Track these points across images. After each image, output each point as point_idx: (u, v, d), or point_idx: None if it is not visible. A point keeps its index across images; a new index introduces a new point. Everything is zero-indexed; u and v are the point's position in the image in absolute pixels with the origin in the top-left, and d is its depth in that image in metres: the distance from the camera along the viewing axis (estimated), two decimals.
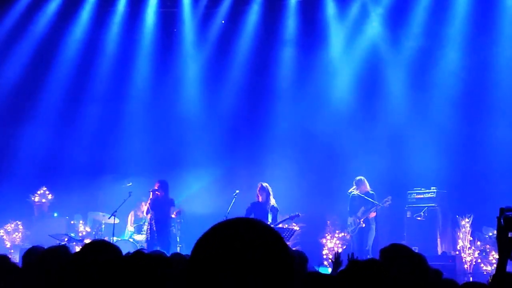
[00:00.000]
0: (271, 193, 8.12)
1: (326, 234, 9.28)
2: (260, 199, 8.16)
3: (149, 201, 8.38)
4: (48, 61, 10.86)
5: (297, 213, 8.16)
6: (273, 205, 8.10)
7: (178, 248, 8.67)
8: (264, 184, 8.17)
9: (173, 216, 8.35)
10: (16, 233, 9.90)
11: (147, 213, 8.41)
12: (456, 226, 8.57)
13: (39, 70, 10.81)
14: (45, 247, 3.02)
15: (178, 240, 8.76)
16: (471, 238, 8.37)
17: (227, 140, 10.61)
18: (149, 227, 8.33)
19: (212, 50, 11.03)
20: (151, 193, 8.33)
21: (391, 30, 10.17)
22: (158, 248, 7.01)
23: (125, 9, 11.07)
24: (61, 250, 2.88)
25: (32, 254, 3.20)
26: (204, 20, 11.03)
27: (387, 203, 8.48)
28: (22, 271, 3.03)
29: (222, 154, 10.50)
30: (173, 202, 8.37)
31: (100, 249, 2.22)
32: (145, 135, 10.91)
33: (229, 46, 10.92)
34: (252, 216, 8.12)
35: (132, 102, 11.05)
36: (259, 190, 8.14)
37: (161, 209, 8.23)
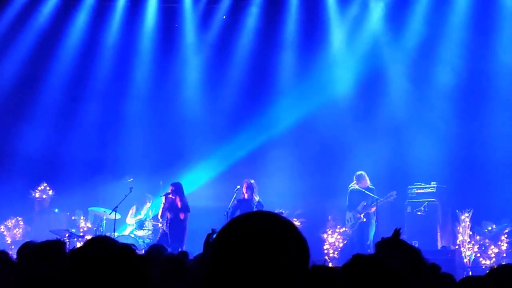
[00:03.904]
0: (255, 190, 8.15)
1: (327, 229, 9.31)
2: (246, 196, 8.19)
3: (162, 206, 8.31)
4: (48, 57, 10.83)
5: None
6: (258, 201, 8.13)
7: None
8: (250, 182, 8.21)
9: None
10: (17, 229, 9.93)
11: (162, 217, 8.33)
12: (456, 220, 8.60)
13: (39, 67, 10.79)
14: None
15: None
16: (471, 233, 8.40)
17: (228, 136, 10.61)
18: (162, 229, 8.28)
19: (213, 45, 11.01)
20: (164, 197, 8.23)
21: (392, 24, 10.15)
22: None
23: (125, 5, 11.04)
24: (56, 245, 2.90)
25: (27, 249, 3.22)
26: (205, 15, 11.01)
27: (392, 197, 8.50)
28: (17, 265, 3.05)
29: (223, 150, 10.51)
30: (188, 208, 8.19)
31: (102, 245, 2.23)
32: (146, 131, 10.91)
33: (230, 41, 10.90)
34: (238, 212, 8.14)
35: (133, 98, 11.04)
36: (245, 188, 8.18)
37: (176, 213, 8.13)
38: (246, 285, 1.02)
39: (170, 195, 8.18)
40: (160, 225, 8.57)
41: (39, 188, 10.33)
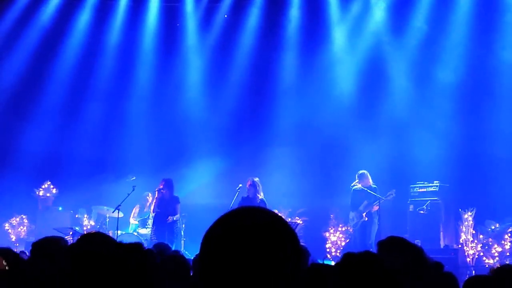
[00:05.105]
0: (259, 188, 8.21)
1: (330, 228, 9.31)
2: (250, 195, 8.25)
3: (155, 200, 8.55)
4: (51, 57, 10.87)
5: (297, 222, 8.33)
6: (261, 200, 8.18)
7: (182, 242, 8.76)
8: (254, 180, 8.26)
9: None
10: (21, 227, 9.98)
11: (154, 211, 8.59)
12: (459, 219, 8.58)
13: (42, 66, 10.82)
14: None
15: (182, 234, 8.83)
16: (474, 232, 8.39)
17: (230, 134, 10.63)
18: (153, 223, 8.49)
19: (215, 44, 11.02)
20: (157, 192, 8.48)
21: (394, 22, 10.14)
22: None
23: (127, 4, 11.06)
24: (58, 241, 2.92)
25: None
26: (207, 14, 11.01)
27: (391, 196, 8.49)
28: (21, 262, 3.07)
29: (226, 149, 10.52)
30: (178, 199, 8.51)
31: (96, 241, 2.25)
32: (148, 130, 10.94)
33: (232, 40, 10.91)
34: None
35: (135, 97, 11.06)
36: (248, 186, 8.24)
37: (166, 207, 8.39)
38: (242, 283, 1.00)
39: (162, 191, 8.41)
40: (151, 219, 8.81)
41: (43, 187, 10.38)
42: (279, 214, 1.13)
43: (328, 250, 9.06)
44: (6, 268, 2.80)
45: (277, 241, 1.03)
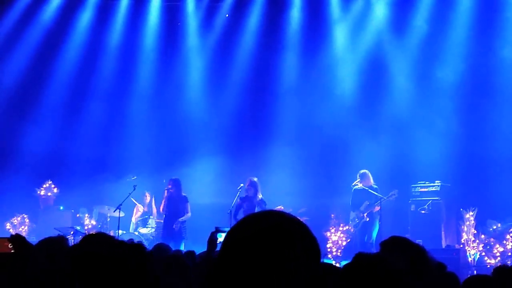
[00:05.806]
0: (259, 188, 8.23)
1: (330, 228, 9.30)
2: (249, 194, 8.27)
3: (164, 200, 8.61)
4: (52, 56, 10.88)
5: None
6: (261, 199, 8.20)
7: (183, 241, 8.77)
8: (254, 179, 8.29)
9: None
10: (23, 226, 9.99)
11: (163, 211, 8.67)
12: (460, 219, 8.57)
13: (43, 66, 10.83)
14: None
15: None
16: (475, 231, 8.37)
17: (231, 134, 10.63)
18: (163, 223, 8.55)
19: (216, 43, 11.02)
20: (166, 191, 8.56)
21: (395, 21, 10.13)
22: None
23: (129, 3, 11.06)
24: (59, 241, 2.92)
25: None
26: (208, 13, 11.01)
27: (393, 196, 8.48)
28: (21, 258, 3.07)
29: (227, 148, 10.52)
30: (186, 199, 8.58)
31: (97, 241, 2.25)
32: (149, 130, 10.94)
33: (233, 39, 10.90)
34: (241, 210, 8.22)
35: (136, 97, 11.07)
36: (248, 185, 8.26)
37: (175, 206, 8.45)
38: (251, 282, 1.03)
39: (171, 190, 8.47)
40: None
41: (44, 186, 10.39)
42: (292, 215, 1.16)
43: (329, 249, 9.05)
44: (12, 251, 2.81)
45: (286, 241, 1.06)
